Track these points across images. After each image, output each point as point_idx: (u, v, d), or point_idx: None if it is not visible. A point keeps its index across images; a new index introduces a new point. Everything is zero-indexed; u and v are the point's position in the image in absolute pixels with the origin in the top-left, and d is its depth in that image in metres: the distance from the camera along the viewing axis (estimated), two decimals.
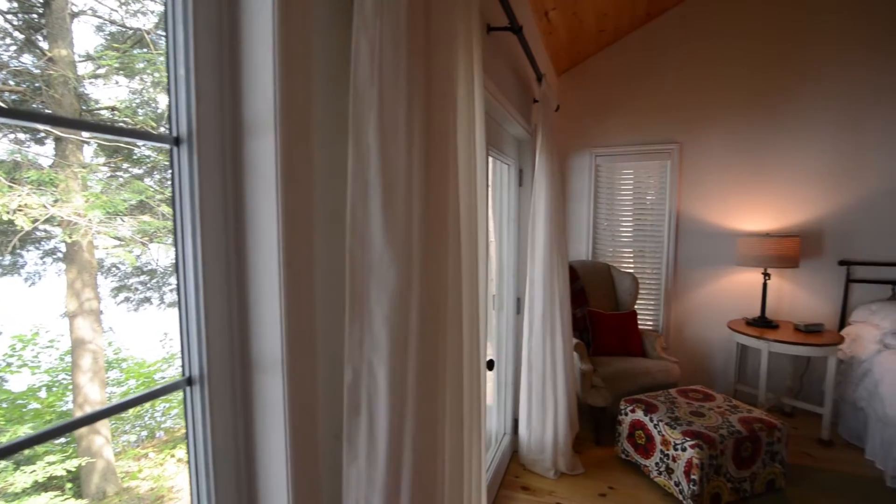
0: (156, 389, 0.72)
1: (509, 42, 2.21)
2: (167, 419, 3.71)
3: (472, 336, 1.07)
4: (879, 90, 3.14)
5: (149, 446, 3.43)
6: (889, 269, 3.20)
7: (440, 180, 0.86)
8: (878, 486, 2.52)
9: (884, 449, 2.65)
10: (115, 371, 3.33)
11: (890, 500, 2.40)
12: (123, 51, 3.10)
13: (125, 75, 3.17)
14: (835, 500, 2.40)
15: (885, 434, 2.65)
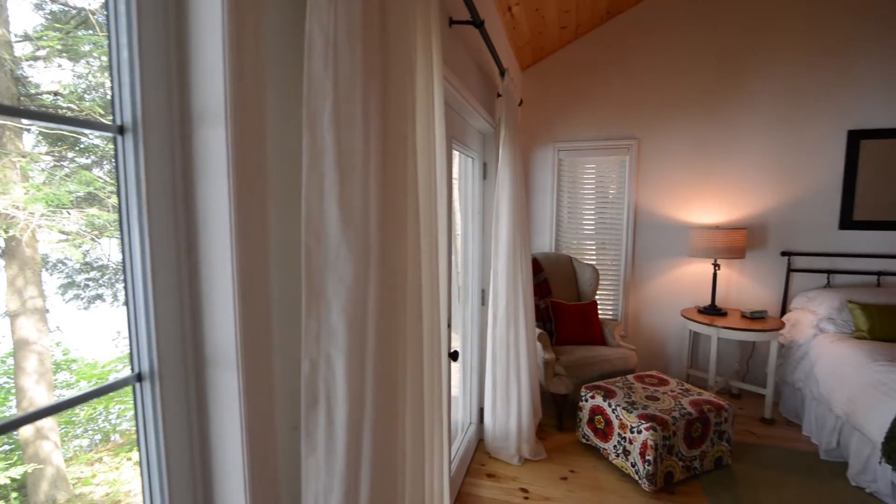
0: (103, 387, 0.70)
1: (473, 36, 2.23)
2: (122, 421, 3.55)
3: (432, 327, 1.09)
4: (816, 95, 3.36)
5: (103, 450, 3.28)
6: (824, 259, 3.45)
7: (398, 172, 0.87)
8: (812, 459, 2.73)
9: (818, 425, 2.87)
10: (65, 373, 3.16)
11: (822, 470, 2.61)
12: (66, 32, 2.90)
13: (69, 58, 2.97)
14: (775, 473, 2.59)
15: (819, 412, 2.87)
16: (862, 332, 2.97)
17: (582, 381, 3.03)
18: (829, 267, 3.43)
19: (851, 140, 3.33)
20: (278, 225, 0.85)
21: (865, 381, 2.48)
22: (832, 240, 3.42)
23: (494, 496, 2.41)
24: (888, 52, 3.22)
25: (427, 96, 1.05)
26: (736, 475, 2.57)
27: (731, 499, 2.36)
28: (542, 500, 2.38)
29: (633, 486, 2.48)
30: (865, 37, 3.24)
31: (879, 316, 2.94)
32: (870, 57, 3.25)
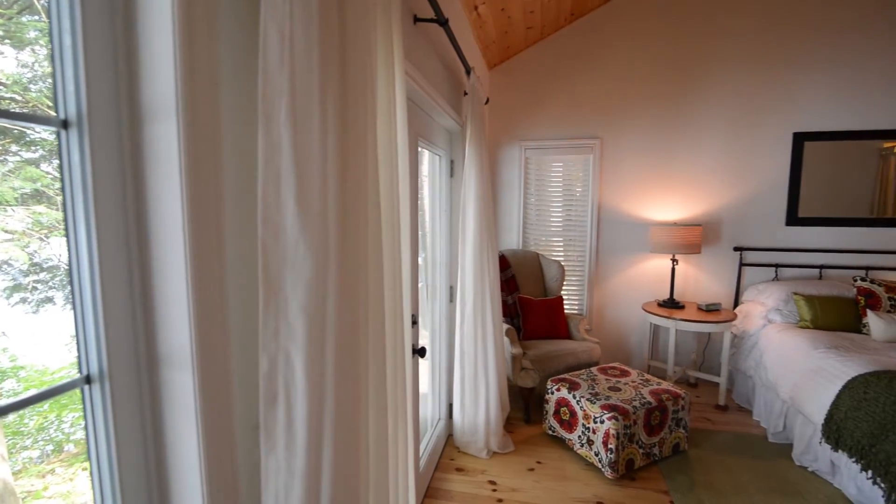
0: (45, 390, 0.68)
1: (439, 34, 2.24)
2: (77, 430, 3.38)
3: (395, 324, 1.10)
4: (764, 99, 3.55)
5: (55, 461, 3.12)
6: (772, 254, 3.66)
7: (358, 168, 0.87)
8: (761, 442, 2.90)
9: (766, 410, 3.05)
10: (12, 381, 2.98)
11: (770, 452, 2.77)
12: (9, 17, 2.74)
13: (12, 45, 2.81)
14: (728, 456, 2.73)
15: (767, 397, 3.05)
16: (806, 321, 3.17)
17: (548, 375, 3.10)
18: (777, 261, 3.65)
19: (796, 142, 3.54)
20: (235, 221, 0.84)
21: (808, 367, 2.66)
22: (780, 236, 3.63)
23: (464, 490, 2.44)
24: (828, 59, 3.43)
25: (388, 93, 1.06)
26: (692, 460, 2.70)
27: (687, 482, 2.48)
28: (509, 491, 2.43)
29: (596, 474, 2.57)
30: (809, 45, 3.45)
31: (821, 306, 3.15)
32: (813, 63, 3.46)
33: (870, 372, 2.35)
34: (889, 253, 3.47)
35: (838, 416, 2.32)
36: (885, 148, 3.47)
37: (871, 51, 3.37)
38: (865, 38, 3.37)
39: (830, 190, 3.55)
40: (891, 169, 3.48)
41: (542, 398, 3.05)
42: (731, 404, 3.44)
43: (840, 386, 2.38)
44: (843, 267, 3.53)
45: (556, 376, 2.97)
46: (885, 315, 2.93)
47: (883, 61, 3.37)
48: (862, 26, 3.36)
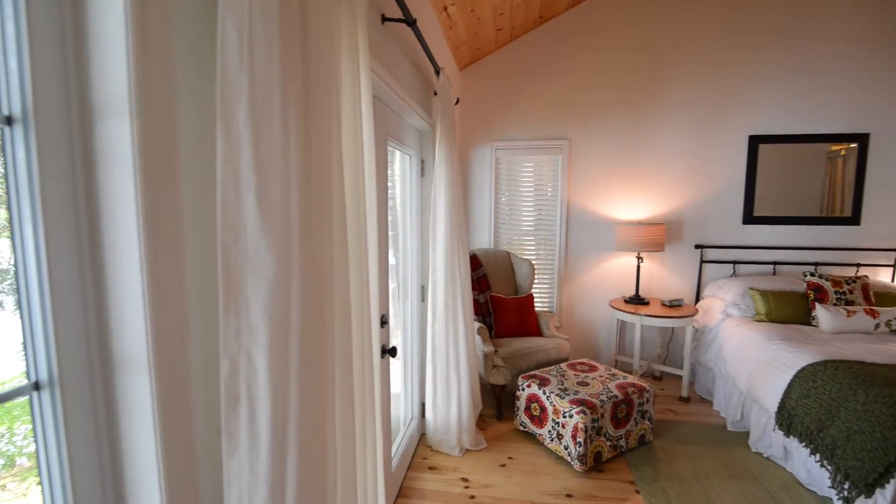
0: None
1: (408, 34, 2.24)
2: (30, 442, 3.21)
3: (362, 324, 1.10)
4: (722, 103, 3.71)
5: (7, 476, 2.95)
6: (731, 251, 3.83)
7: (322, 168, 0.87)
8: (721, 431, 3.03)
9: (726, 400, 3.19)
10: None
11: (729, 440, 2.90)
12: None
13: None
14: (690, 446, 2.84)
15: (726, 388, 3.19)
16: (761, 315, 3.33)
17: (519, 372, 3.15)
18: (735, 258, 3.82)
19: (752, 144, 3.72)
20: (194, 221, 0.82)
21: (762, 358, 2.80)
22: (737, 234, 3.80)
23: (437, 488, 2.46)
24: (781, 66, 3.62)
25: (354, 92, 1.05)
26: (657, 450, 2.79)
27: (652, 472, 2.57)
28: (481, 487, 2.46)
29: (566, 468, 2.63)
30: (763, 52, 3.63)
31: (775, 301, 3.31)
32: (766, 70, 3.64)
33: (817, 361, 2.49)
34: (836, 250, 3.69)
35: (790, 404, 2.46)
36: (832, 151, 3.69)
37: (820, 59, 3.58)
38: (815, 47, 3.57)
39: (783, 190, 3.75)
40: (838, 171, 3.70)
41: (513, 395, 3.09)
42: (693, 396, 3.58)
43: (791, 375, 2.52)
44: (795, 263, 3.73)
45: (527, 373, 3.02)
46: (832, 308, 3.11)
47: (830, 70, 3.57)
48: (812, 36, 3.56)
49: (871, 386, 2.15)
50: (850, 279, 3.30)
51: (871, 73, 3.54)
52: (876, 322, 3.02)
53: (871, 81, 3.54)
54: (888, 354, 2.61)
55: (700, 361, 3.59)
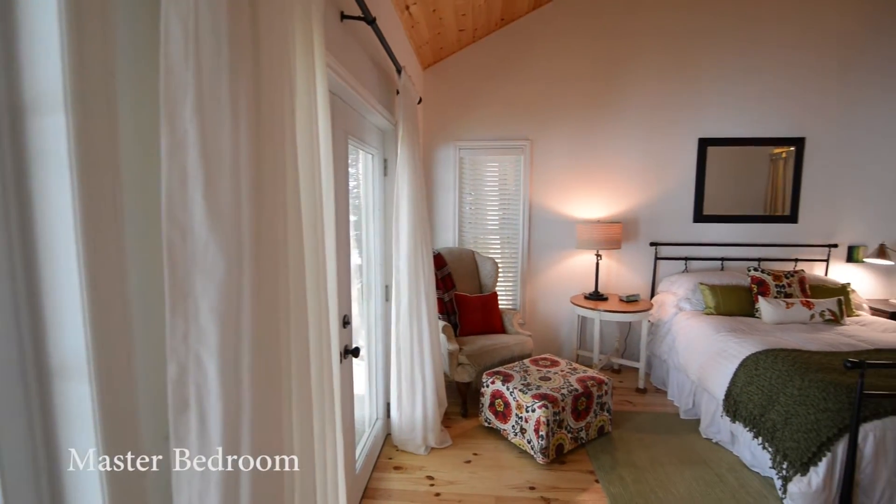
0: None
1: (369, 32, 2.22)
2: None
3: (320, 325, 1.09)
4: (674, 107, 3.89)
5: None
6: (682, 248, 4.02)
7: (275, 165, 0.85)
8: (675, 419, 3.18)
9: (679, 390, 3.35)
10: None
11: (682, 428, 3.05)
12: None
13: None
14: (646, 435, 2.97)
15: (679, 379, 3.35)
16: (710, 308, 3.52)
17: (484, 369, 3.19)
18: (686, 255, 4.01)
19: (701, 146, 3.92)
20: (138, 220, 0.79)
21: (711, 349, 2.96)
22: (688, 231, 4.00)
23: (402, 487, 2.46)
24: (728, 72, 3.83)
25: (309, 88, 1.04)
26: (615, 440, 2.90)
27: (610, 461, 2.67)
28: (447, 484, 2.48)
29: (529, 461, 2.69)
30: (710, 57, 3.83)
31: (723, 294, 3.51)
32: (715, 76, 3.85)
33: (760, 351, 2.66)
34: (777, 246, 3.95)
35: (735, 391, 2.61)
36: (774, 153, 3.94)
37: (762, 66, 3.81)
38: (757, 54, 3.80)
39: (731, 190, 3.97)
40: (780, 172, 3.96)
41: (478, 392, 3.13)
42: (649, 387, 3.74)
43: (736, 365, 2.68)
44: (741, 259, 3.96)
45: (492, 370, 3.07)
46: (773, 300, 3.33)
47: (771, 76, 3.81)
48: (754, 43, 3.79)
49: (805, 372, 2.32)
50: (788, 273, 3.54)
51: (807, 80, 3.80)
52: (811, 313, 3.25)
53: (807, 88, 3.81)
54: (822, 342, 2.81)
55: (655, 354, 3.75)
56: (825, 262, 3.93)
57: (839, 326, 3.19)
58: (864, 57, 3.76)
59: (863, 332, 3.05)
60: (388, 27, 2.61)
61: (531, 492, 2.42)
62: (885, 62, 3.75)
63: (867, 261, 3.84)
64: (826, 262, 3.93)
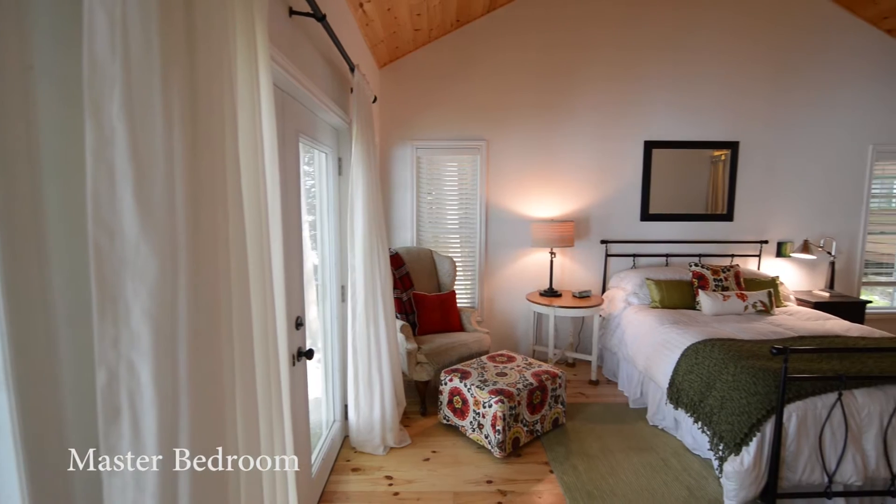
0: None
1: (321, 30, 2.19)
2: None
3: (266, 327, 1.06)
4: (621, 110, 4.08)
5: None
6: (630, 246, 4.22)
7: (213, 162, 0.83)
8: (624, 409, 3.33)
9: (628, 381, 3.51)
10: None
11: (631, 416, 3.20)
12: None
13: None
14: (598, 425, 3.10)
15: (628, 370, 3.51)
16: (656, 302, 3.71)
17: (442, 367, 3.22)
18: (634, 252, 4.21)
19: (647, 149, 4.12)
20: (62, 221, 0.75)
21: (656, 341, 3.12)
22: (636, 229, 4.20)
23: (361, 489, 2.44)
24: (671, 79, 4.05)
25: (251, 84, 1.02)
26: (569, 431, 3.01)
27: (564, 452, 2.76)
28: (405, 483, 2.48)
29: (487, 456, 2.74)
30: (655, 64, 4.03)
31: (667, 289, 3.71)
32: (659, 81, 4.05)
33: (699, 341, 2.84)
34: (716, 242, 4.21)
35: (678, 379, 2.77)
36: (714, 156, 4.20)
37: (701, 74, 4.05)
38: (697, 62, 4.04)
39: (674, 190, 4.20)
40: (719, 174, 4.23)
41: (437, 390, 3.15)
42: (601, 379, 3.89)
43: (679, 355, 2.84)
44: (684, 255, 4.20)
45: (450, 367, 3.10)
46: (712, 293, 3.55)
47: (711, 85, 4.07)
48: (696, 55, 4.02)
49: (739, 359, 2.49)
50: (725, 268, 3.79)
51: (740, 88, 4.08)
52: (745, 304, 3.50)
53: (740, 96, 4.09)
54: (754, 331, 3.04)
55: (607, 347, 3.91)
56: (757, 257, 4.24)
57: (769, 316, 3.45)
58: (790, 69, 4.08)
59: (789, 321, 3.32)
60: (341, 24, 2.58)
61: (488, 485, 2.47)
62: (807, 74, 4.09)
63: (794, 255, 4.18)
64: (758, 257, 4.24)
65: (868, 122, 4.18)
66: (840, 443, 2.12)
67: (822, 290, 4.18)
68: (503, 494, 2.39)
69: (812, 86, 4.10)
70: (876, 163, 4.25)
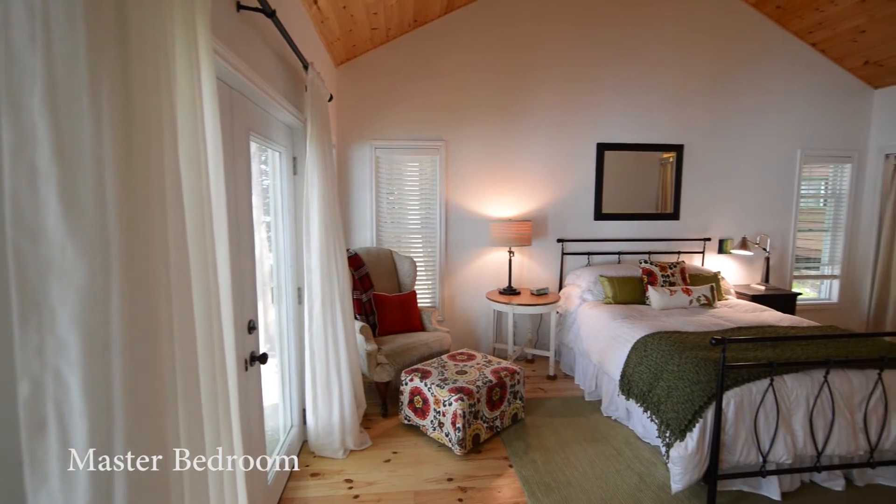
0: None
1: (272, 26, 2.13)
2: None
3: (212, 332, 1.03)
4: (575, 113, 4.21)
5: None
6: (585, 244, 4.37)
7: (148, 160, 0.80)
8: (581, 402, 3.45)
9: (584, 375, 3.63)
10: None
11: (586, 409, 3.32)
12: None
13: None
14: (556, 418, 3.19)
15: (584, 364, 3.63)
16: (609, 298, 3.86)
17: (403, 367, 3.21)
18: (589, 250, 4.37)
19: (599, 151, 4.28)
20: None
21: (609, 335, 3.25)
22: (590, 228, 4.35)
23: (319, 493, 2.40)
24: (622, 83, 4.22)
25: (191, 81, 0.98)
26: (528, 426, 3.08)
27: (523, 446, 2.82)
28: (366, 485, 2.46)
29: (447, 454, 2.76)
30: (607, 69, 4.19)
31: (619, 285, 3.87)
32: (611, 85, 4.22)
33: (648, 334, 2.98)
34: (664, 240, 4.43)
35: (628, 371, 2.90)
36: (663, 158, 4.41)
37: (649, 80, 4.25)
38: (646, 69, 4.23)
39: (626, 191, 4.38)
40: (668, 175, 4.44)
41: (398, 390, 3.14)
42: (559, 373, 4.01)
43: (629, 348, 2.97)
44: (635, 252, 4.39)
45: (410, 367, 3.10)
46: (660, 289, 3.74)
47: (660, 90, 4.28)
48: (643, 59, 4.22)
49: (683, 350, 2.64)
50: (672, 264, 3.99)
51: (684, 94, 4.32)
52: (690, 298, 3.70)
53: (684, 101, 4.33)
54: (698, 324, 3.22)
55: (564, 342, 4.03)
56: (701, 254, 4.49)
57: (712, 309, 3.67)
58: (727, 79, 4.36)
59: (729, 313, 3.54)
60: (294, 21, 2.53)
61: (449, 483, 2.49)
62: (743, 83, 4.38)
63: (733, 252, 4.46)
64: (702, 254, 4.49)
65: (797, 128, 4.53)
66: (772, 425, 2.29)
67: (759, 283, 4.49)
68: (463, 491, 2.42)
69: (747, 94, 4.40)
70: (804, 166, 4.61)
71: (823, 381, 2.33)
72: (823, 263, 4.93)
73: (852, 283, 4.84)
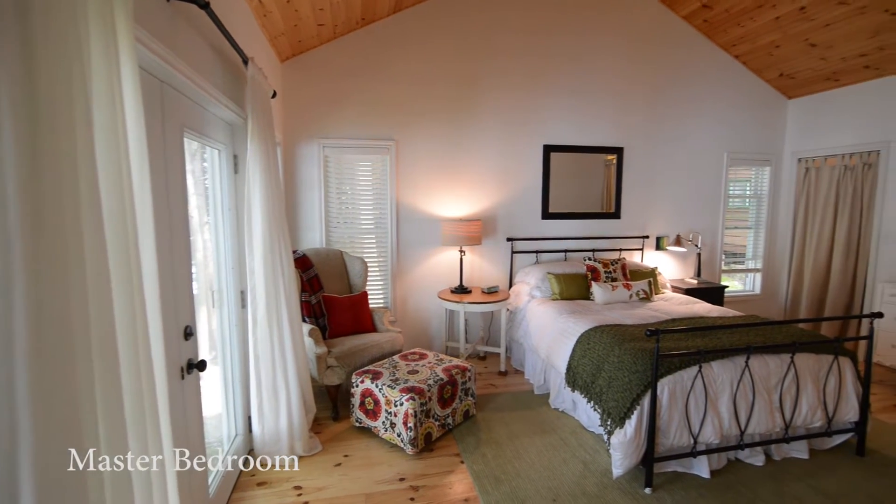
0: None
1: (208, 19, 2.03)
2: None
3: (136, 340, 0.97)
4: (523, 115, 4.33)
5: None
6: (534, 243, 4.50)
7: (58, 159, 0.74)
8: (530, 396, 3.55)
9: (533, 369, 3.74)
10: None
11: (536, 402, 3.42)
12: None
13: None
14: (506, 413, 3.26)
15: (533, 359, 3.74)
16: (556, 294, 3.99)
17: (354, 369, 3.17)
18: (537, 248, 4.50)
19: (546, 152, 4.42)
20: None
21: (556, 330, 3.36)
22: (538, 227, 4.49)
23: (267, 503, 2.33)
24: (567, 86, 4.38)
25: (108, 72, 0.92)
26: (479, 422, 3.13)
27: (474, 442, 2.87)
28: (315, 491, 2.41)
29: (399, 454, 2.75)
30: (554, 73, 4.34)
31: (566, 282, 4.01)
32: (557, 89, 4.37)
33: (591, 328, 3.11)
34: (607, 238, 4.65)
35: (574, 364, 3.02)
36: (607, 160, 4.62)
37: (595, 85, 4.44)
38: (590, 74, 4.42)
39: (574, 191, 4.55)
40: (611, 176, 4.66)
41: (349, 393, 3.10)
42: (510, 369, 4.10)
43: (574, 341, 3.09)
44: (580, 250, 4.57)
45: (361, 369, 3.07)
46: (603, 284, 3.92)
47: (602, 95, 4.47)
48: (588, 65, 4.40)
49: (622, 342, 2.78)
50: (614, 261, 4.19)
51: (624, 100, 4.55)
52: (630, 293, 3.90)
53: (624, 106, 4.56)
54: (637, 317, 3.40)
55: (514, 338, 4.13)
56: (640, 251, 4.75)
57: (649, 303, 3.89)
58: (661, 85, 4.63)
59: (665, 306, 3.77)
60: (233, 13, 2.43)
61: (401, 483, 2.48)
62: (675, 90, 4.68)
63: (669, 248, 4.75)
64: (641, 251, 4.75)
65: (723, 133, 4.89)
66: (702, 408, 2.47)
67: (692, 277, 4.81)
68: (415, 490, 2.43)
69: (679, 100, 4.70)
70: (730, 168, 4.99)
71: (745, 365, 2.54)
72: (748, 258, 5.36)
73: (772, 276, 5.30)
